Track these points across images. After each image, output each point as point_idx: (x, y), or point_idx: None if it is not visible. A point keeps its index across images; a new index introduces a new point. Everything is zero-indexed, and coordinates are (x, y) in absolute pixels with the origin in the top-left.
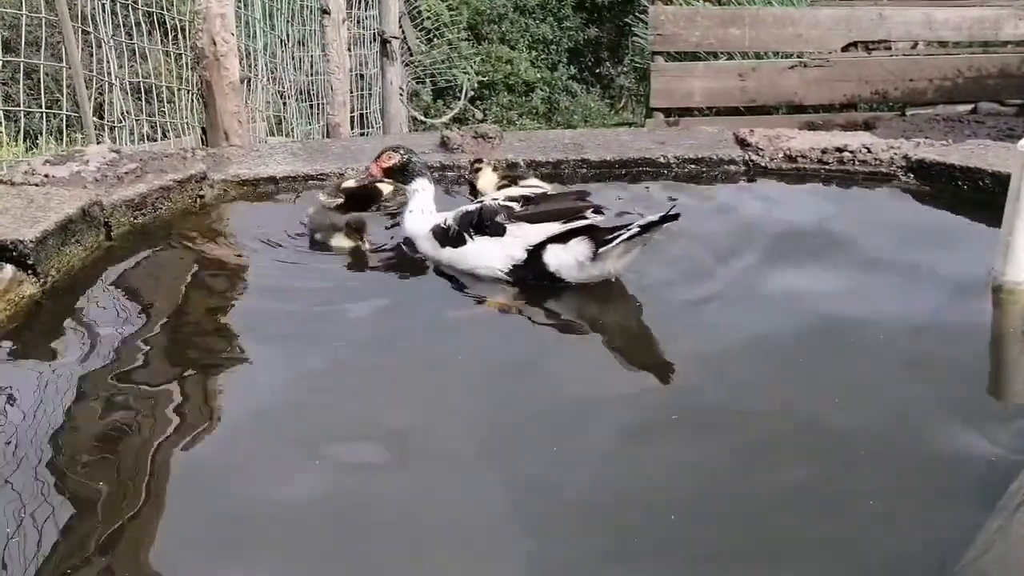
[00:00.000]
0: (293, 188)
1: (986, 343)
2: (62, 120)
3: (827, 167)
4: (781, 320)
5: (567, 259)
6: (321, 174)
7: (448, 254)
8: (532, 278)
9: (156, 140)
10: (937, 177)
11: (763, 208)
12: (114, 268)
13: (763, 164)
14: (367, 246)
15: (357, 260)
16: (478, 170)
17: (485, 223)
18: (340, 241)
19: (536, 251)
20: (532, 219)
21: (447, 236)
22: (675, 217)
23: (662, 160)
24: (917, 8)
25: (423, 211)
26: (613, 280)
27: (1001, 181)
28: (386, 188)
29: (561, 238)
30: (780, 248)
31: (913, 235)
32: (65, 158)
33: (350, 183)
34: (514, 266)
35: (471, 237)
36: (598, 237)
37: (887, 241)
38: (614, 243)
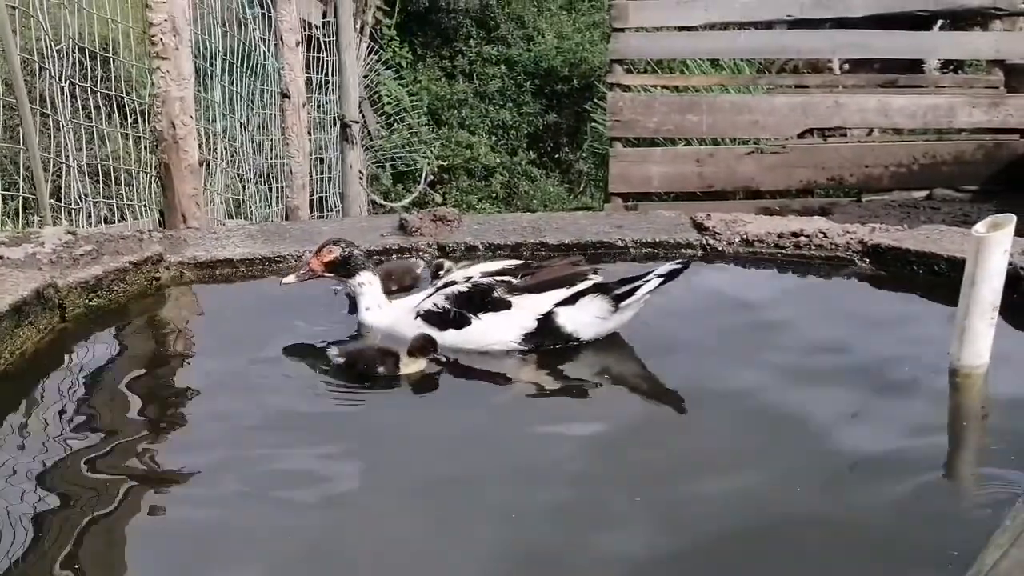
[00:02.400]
0: (251, 271)
1: (943, 428)
2: (19, 203)
3: (783, 251)
4: (733, 406)
5: (583, 318)
6: (279, 256)
7: (452, 337)
8: (547, 343)
9: (114, 222)
10: (893, 262)
11: (718, 292)
12: (68, 351)
13: (720, 248)
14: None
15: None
16: (449, 271)
17: (486, 300)
18: (405, 367)
19: (546, 317)
20: (538, 288)
21: (447, 319)
22: (688, 265)
23: (620, 244)
24: (872, 96)
25: (379, 305)
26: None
27: (956, 266)
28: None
29: (570, 300)
30: (735, 332)
31: (869, 319)
32: (20, 239)
33: (290, 279)
34: (526, 335)
35: (475, 316)
36: (611, 293)
37: (843, 325)
38: (637, 295)
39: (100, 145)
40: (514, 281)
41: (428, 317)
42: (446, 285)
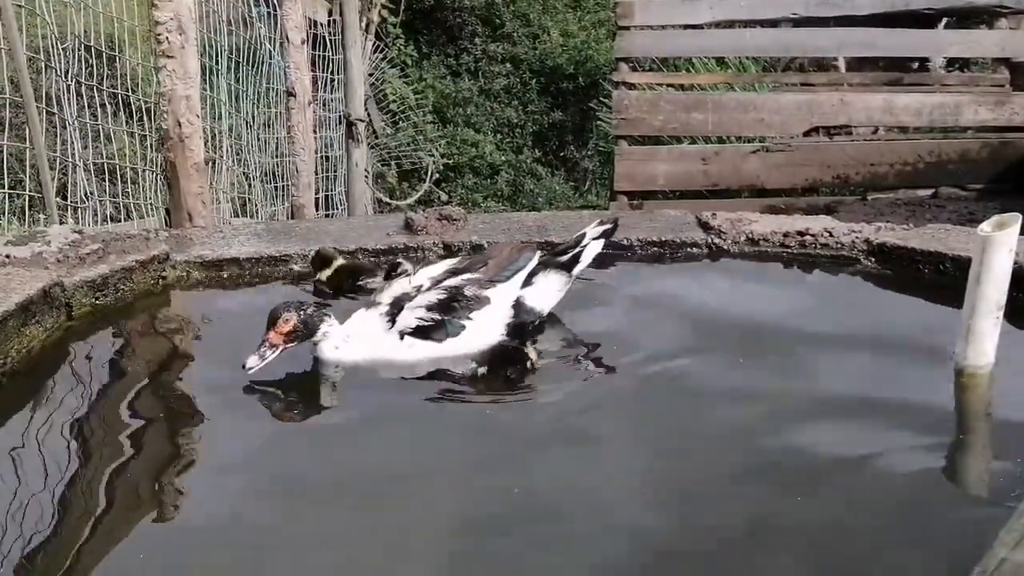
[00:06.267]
0: (257, 270)
1: (948, 427)
2: (25, 201)
3: (789, 250)
4: (738, 406)
5: (546, 293)
6: (285, 255)
7: (452, 346)
8: (520, 328)
9: (120, 221)
10: (898, 261)
11: (723, 291)
12: (74, 350)
13: (725, 247)
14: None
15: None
16: (405, 272)
17: (468, 301)
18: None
19: (518, 303)
20: (501, 278)
21: (442, 329)
22: (617, 223)
23: (625, 242)
24: (878, 94)
25: (344, 338)
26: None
27: (962, 265)
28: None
29: (527, 281)
30: (740, 333)
31: (874, 319)
32: (27, 239)
33: (253, 361)
34: (508, 324)
35: (468, 318)
36: (557, 263)
37: (848, 325)
38: (584, 261)
39: (106, 143)
40: (478, 276)
41: (419, 332)
42: (399, 299)
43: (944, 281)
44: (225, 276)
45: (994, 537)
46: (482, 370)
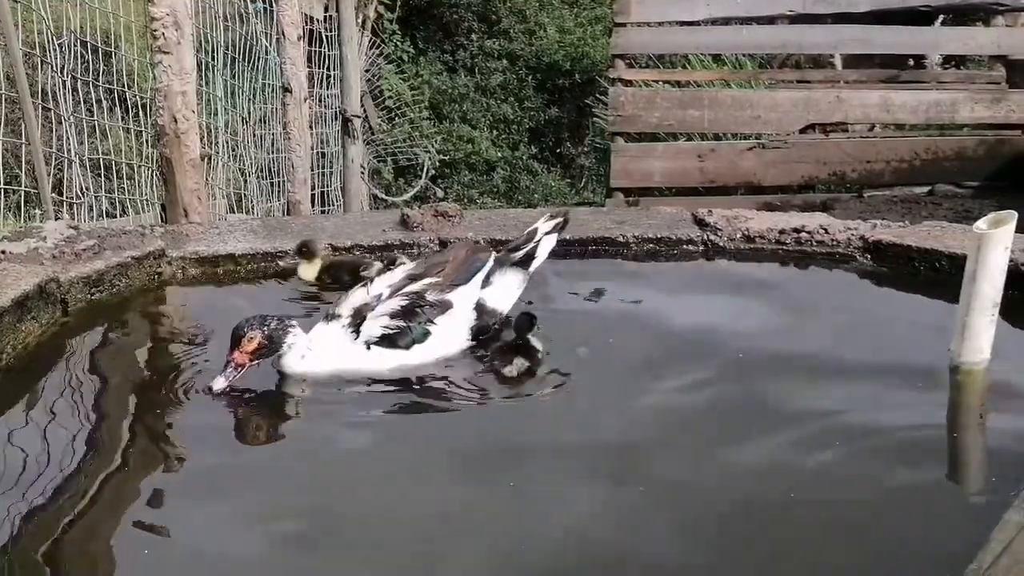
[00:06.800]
0: (252, 266)
1: (943, 424)
2: (20, 196)
3: (785, 247)
4: (735, 404)
5: (506, 293)
6: (281, 252)
7: (419, 353)
8: (483, 330)
9: (116, 217)
10: (894, 258)
11: (719, 288)
12: (70, 346)
13: (721, 244)
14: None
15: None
16: (402, 265)
17: (431, 306)
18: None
19: (479, 305)
20: (460, 281)
21: (408, 337)
22: (568, 218)
23: (621, 239)
24: (874, 91)
25: (309, 347)
26: None
27: (957, 263)
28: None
29: (485, 282)
30: (736, 331)
31: (870, 316)
32: (22, 234)
33: (220, 384)
34: (472, 328)
35: (432, 323)
36: (513, 261)
37: (843, 322)
38: (540, 257)
39: (102, 139)
40: (438, 280)
41: (385, 341)
42: (360, 309)
43: (940, 278)
44: (221, 272)
45: (988, 535)
46: (508, 369)
